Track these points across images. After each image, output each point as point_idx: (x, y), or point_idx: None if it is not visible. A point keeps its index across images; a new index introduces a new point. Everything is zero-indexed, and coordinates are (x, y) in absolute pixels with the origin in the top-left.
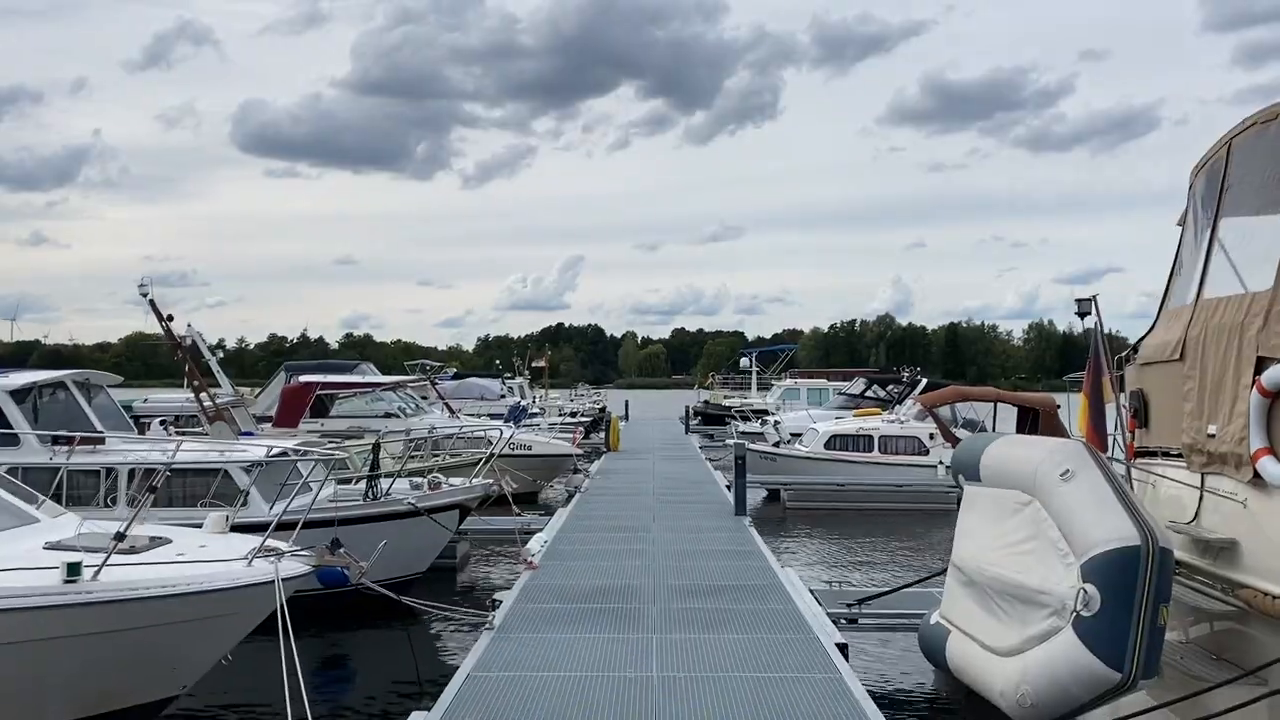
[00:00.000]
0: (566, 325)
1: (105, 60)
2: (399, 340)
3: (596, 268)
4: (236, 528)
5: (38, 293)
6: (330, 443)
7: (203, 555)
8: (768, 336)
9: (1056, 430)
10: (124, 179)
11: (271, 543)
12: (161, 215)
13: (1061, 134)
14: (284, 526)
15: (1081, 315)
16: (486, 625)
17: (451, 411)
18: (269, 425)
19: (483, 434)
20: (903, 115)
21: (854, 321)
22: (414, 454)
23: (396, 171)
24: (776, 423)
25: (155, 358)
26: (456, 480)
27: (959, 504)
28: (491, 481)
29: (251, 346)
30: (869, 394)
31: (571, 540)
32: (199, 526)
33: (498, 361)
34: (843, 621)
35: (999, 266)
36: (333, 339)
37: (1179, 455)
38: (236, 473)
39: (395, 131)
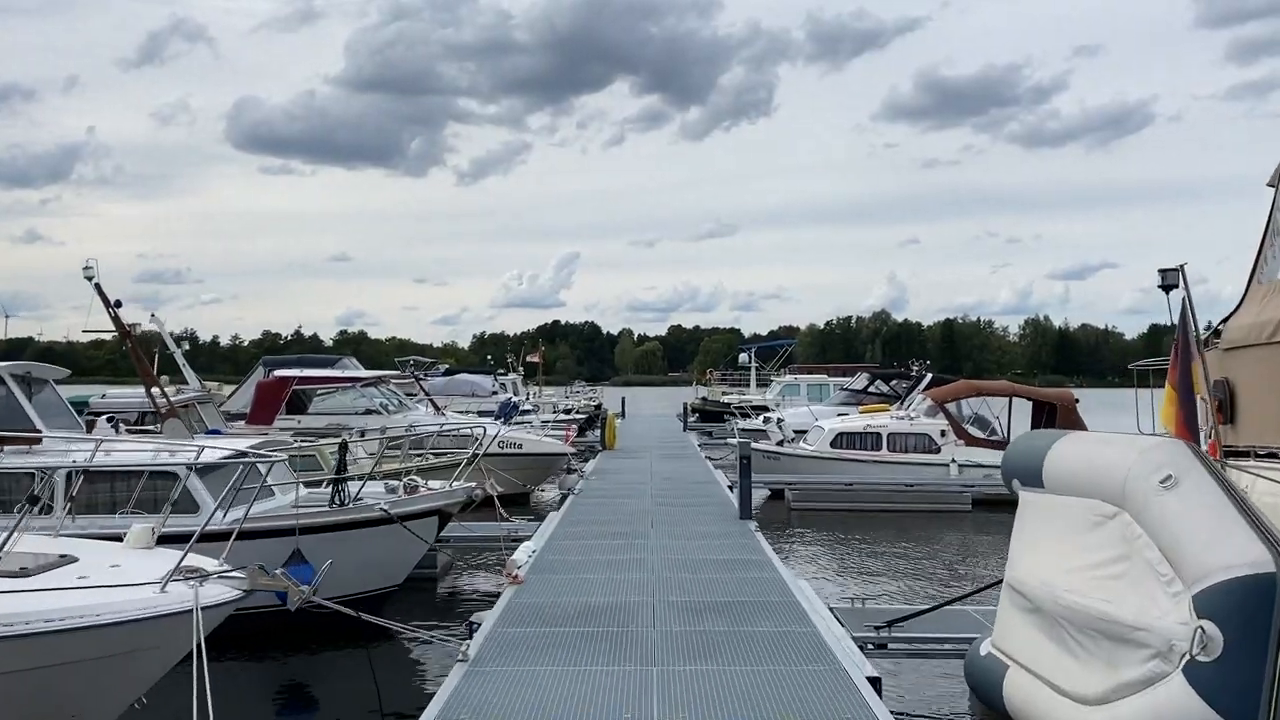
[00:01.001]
0: (563, 323)
1: (99, 57)
2: (394, 338)
3: (592, 265)
4: (177, 539)
5: (31, 290)
6: (300, 441)
7: (111, 578)
8: (764, 333)
9: (1075, 428)
10: (118, 176)
11: (199, 561)
12: (156, 212)
13: (1055, 130)
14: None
15: (1166, 289)
16: (459, 656)
17: (437, 408)
18: (242, 423)
19: (468, 432)
20: (897, 111)
21: (850, 318)
22: (390, 454)
23: (391, 168)
24: (780, 420)
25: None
26: (437, 484)
27: (1016, 513)
28: (474, 485)
29: (245, 343)
30: (872, 389)
31: (562, 549)
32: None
33: (489, 357)
34: (870, 646)
35: (993, 263)
36: (327, 336)
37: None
38: (178, 476)
39: (389, 128)
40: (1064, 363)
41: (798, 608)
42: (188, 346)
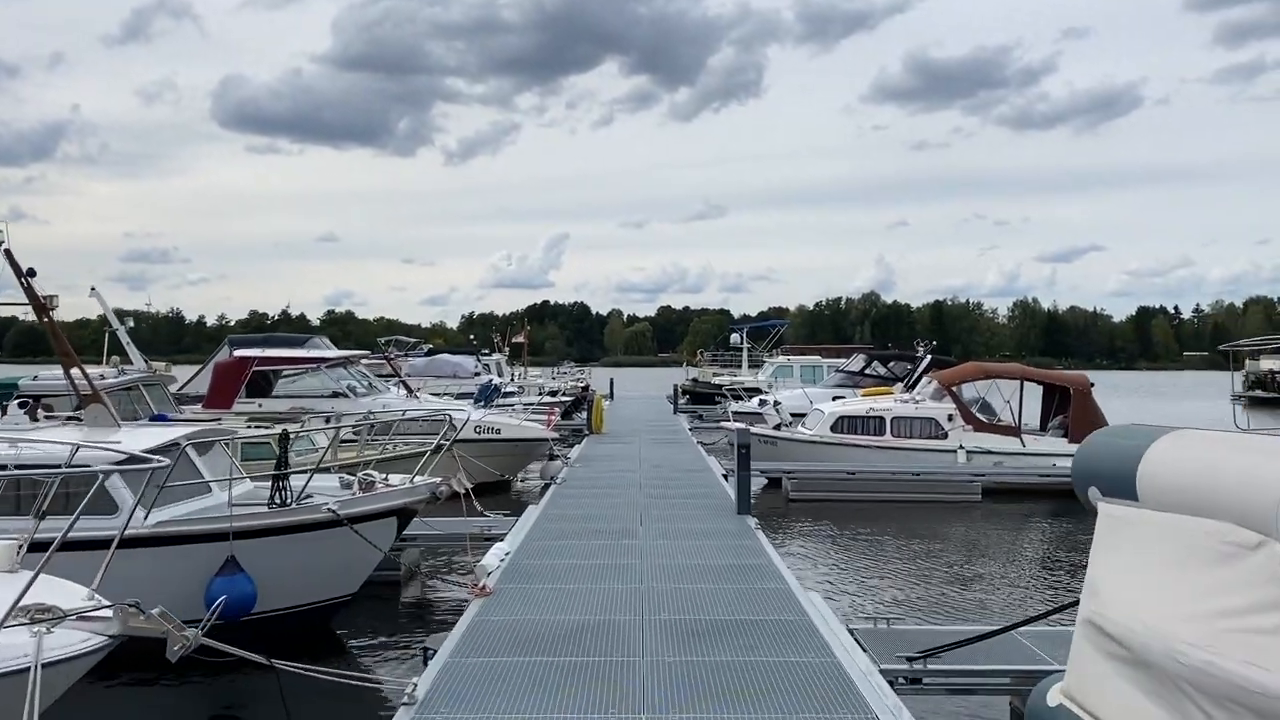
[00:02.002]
0: (552, 303)
1: (83, 34)
2: (382, 318)
3: (582, 246)
4: (88, 546)
5: None
6: (254, 426)
7: None
8: (753, 314)
9: (1091, 414)
10: (104, 155)
11: (66, 594)
12: (142, 191)
13: (1044, 112)
14: (167, 542)
15: None
16: (404, 699)
17: (410, 391)
18: (199, 406)
19: (441, 417)
20: (886, 93)
21: (839, 299)
22: (347, 442)
23: (379, 148)
24: (776, 403)
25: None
26: (398, 478)
27: (1096, 530)
28: (440, 480)
29: (232, 323)
30: (869, 371)
31: (540, 551)
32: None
33: (472, 337)
34: (902, 680)
35: (981, 245)
36: (315, 316)
37: None
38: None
39: (377, 107)
40: (1052, 345)
41: (812, 630)
42: (132, 324)
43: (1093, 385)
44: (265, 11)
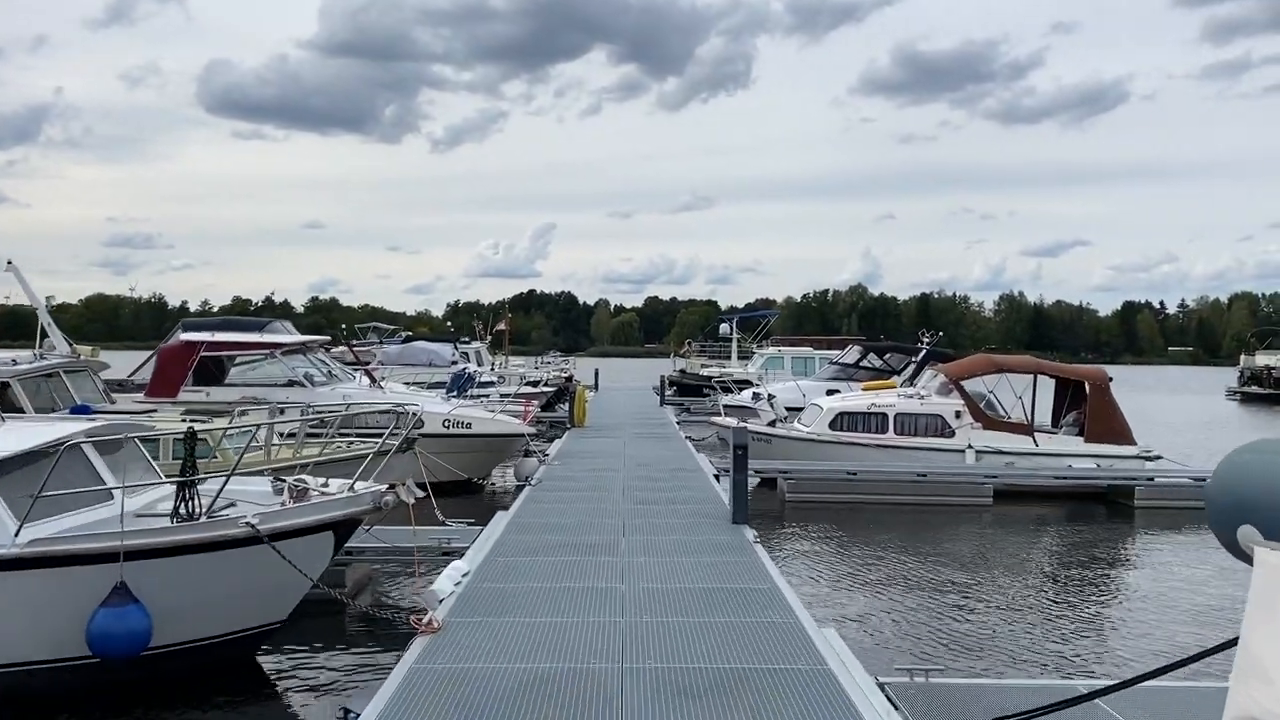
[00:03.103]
0: (538, 293)
1: (66, 16)
2: (366, 305)
3: (569, 235)
4: None
5: None
6: (192, 420)
7: None
8: (740, 306)
9: (1108, 409)
10: (87, 139)
11: None
12: (126, 176)
13: (1031, 107)
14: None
15: None
16: None
17: (373, 380)
18: (141, 395)
19: (398, 409)
20: (874, 86)
21: (826, 291)
22: (280, 440)
23: (365, 135)
24: (771, 397)
25: (118, 319)
26: (338, 483)
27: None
28: (384, 488)
29: (215, 310)
30: (865, 363)
31: (505, 571)
32: None
33: (449, 325)
34: None
35: (967, 238)
36: (299, 303)
37: None
38: None
39: (363, 94)
40: (1038, 339)
41: (832, 685)
42: (57, 301)
43: (1111, 380)
44: None
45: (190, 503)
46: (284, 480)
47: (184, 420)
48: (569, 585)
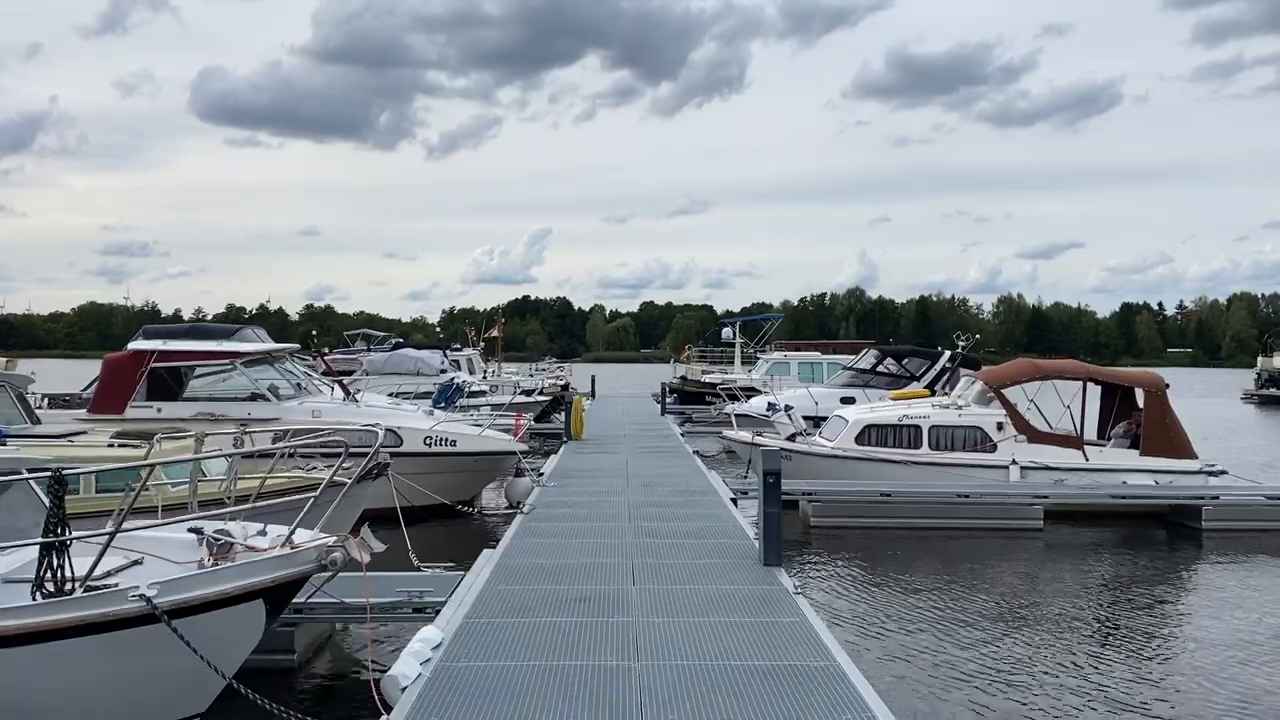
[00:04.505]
0: (533, 298)
1: (59, 25)
2: (362, 312)
3: (564, 241)
4: None
5: None
6: (121, 444)
7: None
8: (736, 310)
9: (1167, 419)
10: (82, 147)
11: None
12: (121, 184)
13: (1025, 109)
14: None
15: None
16: None
17: (347, 393)
18: (84, 412)
19: (360, 428)
20: (868, 89)
21: (824, 294)
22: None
23: (359, 141)
24: (788, 407)
25: (110, 328)
26: (276, 530)
27: None
28: (334, 540)
29: (210, 317)
30: (881, 369)
31: (487, 637)
32: None
33: (439, 330)
34: None
35: (963, 241)
36: (294, 310)
37: None
38: None
39: (357, 100)
40: (1037, 341)
41: None
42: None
43: (1168, 386)
44: (244, 3)
45: (59, 570)
46: (201, 532)
47: (111, 445)
48: (567, 664)
